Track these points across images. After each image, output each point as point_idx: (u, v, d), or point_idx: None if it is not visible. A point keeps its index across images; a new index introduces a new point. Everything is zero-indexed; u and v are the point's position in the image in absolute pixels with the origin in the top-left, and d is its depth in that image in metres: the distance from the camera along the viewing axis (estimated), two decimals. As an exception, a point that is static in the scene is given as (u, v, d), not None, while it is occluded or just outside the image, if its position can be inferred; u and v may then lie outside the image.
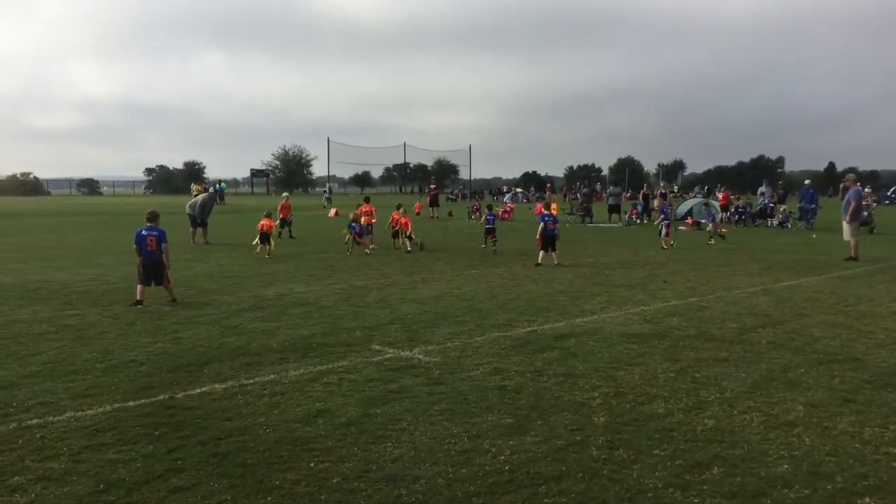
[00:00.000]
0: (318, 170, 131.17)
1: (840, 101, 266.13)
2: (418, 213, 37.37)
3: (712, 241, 22.68)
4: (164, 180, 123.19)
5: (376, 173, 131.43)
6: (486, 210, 22.38)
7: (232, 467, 4.80)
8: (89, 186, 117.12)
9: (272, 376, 6.99)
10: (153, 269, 11.01)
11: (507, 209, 39.66)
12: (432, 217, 38.42)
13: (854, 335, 8.94)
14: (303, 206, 46.86)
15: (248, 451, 5.08)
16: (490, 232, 19.97)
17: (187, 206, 22.79)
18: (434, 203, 40.59)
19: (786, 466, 4.81)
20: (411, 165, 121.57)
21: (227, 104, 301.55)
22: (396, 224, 20.28)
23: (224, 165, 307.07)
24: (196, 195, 23.75)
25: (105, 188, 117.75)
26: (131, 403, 6.14)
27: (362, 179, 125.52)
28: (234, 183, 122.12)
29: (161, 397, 6.31)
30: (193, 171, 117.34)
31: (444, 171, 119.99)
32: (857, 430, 5.53)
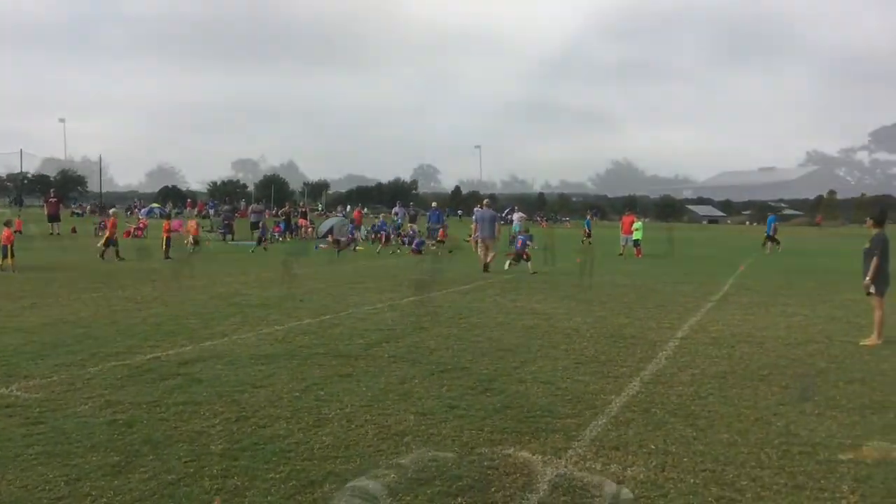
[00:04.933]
0: None
1: (471, 130, 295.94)
2: (19, 231, 32.84)
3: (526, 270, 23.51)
4: None
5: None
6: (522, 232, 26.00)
7: None
8: None
9: None
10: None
11: (141, 226, 37.21)
12: (52, 233, 34.55)
13: (464, 345, 9.85)
14: None
15: None
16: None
17: None
18: (54, 218, 36.41)
19: (393, 476, 5.08)
20: (30, 175, 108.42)
21: None
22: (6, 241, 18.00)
23: None
24: None
25: None
26: None
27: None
28: None
29: None
30: None
31: (69, 183, 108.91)
32: (458, 434, 6.05)
